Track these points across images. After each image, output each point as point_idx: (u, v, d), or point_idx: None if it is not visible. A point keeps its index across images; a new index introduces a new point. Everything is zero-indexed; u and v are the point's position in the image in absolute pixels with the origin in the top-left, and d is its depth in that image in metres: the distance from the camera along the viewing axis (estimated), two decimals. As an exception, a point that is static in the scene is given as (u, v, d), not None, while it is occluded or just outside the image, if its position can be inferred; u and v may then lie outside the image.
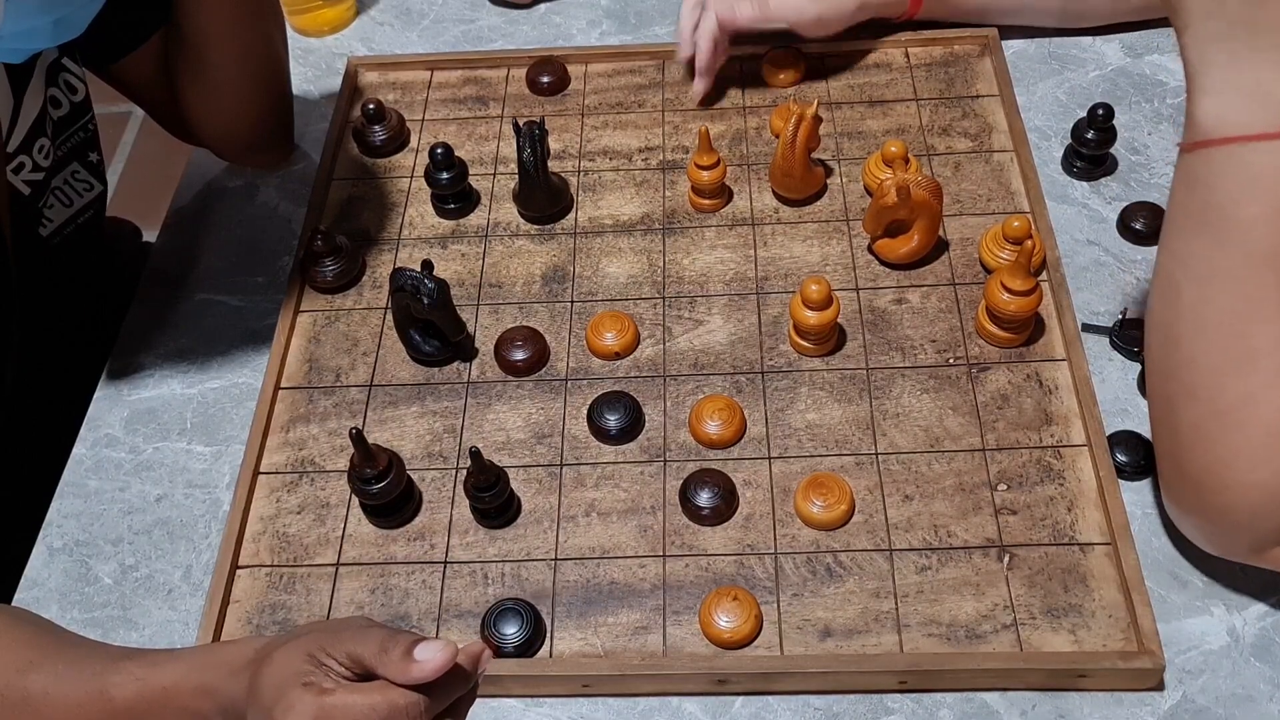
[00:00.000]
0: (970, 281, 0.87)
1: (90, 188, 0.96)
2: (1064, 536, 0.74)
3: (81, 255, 0.97)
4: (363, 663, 0.56)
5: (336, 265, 0.89)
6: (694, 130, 0.98)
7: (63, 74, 0.90)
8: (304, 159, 1.02)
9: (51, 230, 0.92)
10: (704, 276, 0.89)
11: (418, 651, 0.55)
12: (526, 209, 0.94)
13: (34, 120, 0.86)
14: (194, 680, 0.61)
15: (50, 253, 0.92)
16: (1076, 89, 1.00)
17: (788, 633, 0.72)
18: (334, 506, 0.79)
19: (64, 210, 0.93)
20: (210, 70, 0.90)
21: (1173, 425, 0.67)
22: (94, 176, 0.96)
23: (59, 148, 0.91)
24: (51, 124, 0.89)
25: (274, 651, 0.58)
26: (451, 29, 1.12)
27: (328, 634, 0.58)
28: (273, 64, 0.95)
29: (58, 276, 0.94)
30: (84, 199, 0.95)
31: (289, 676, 0.56)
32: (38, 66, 0.86)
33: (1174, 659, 0.70)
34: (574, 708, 0.71)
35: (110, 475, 0.83)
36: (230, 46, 0.89)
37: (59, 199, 0.92)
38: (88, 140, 0.95)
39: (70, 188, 0.94)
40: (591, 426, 0.81)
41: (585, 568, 0.75)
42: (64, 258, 0.94)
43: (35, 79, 0.86)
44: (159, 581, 0.78)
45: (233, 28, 0.89)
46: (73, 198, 0.94)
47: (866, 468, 0.78)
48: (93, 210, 0.97)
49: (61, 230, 0.93)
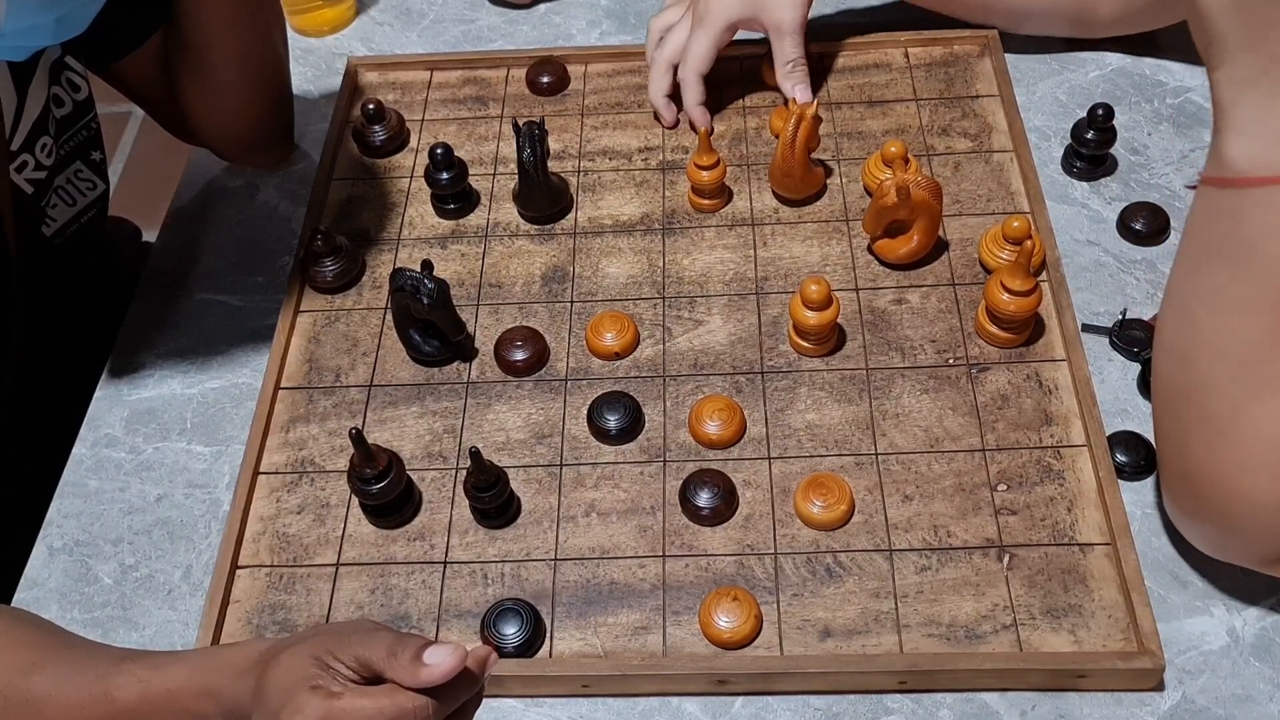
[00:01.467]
0: (970, 282, 0.87)
1: (93, 186, 0.96)
2: (1064, 537, 0.74)
3: (83, 255, 0.97)
4: (371, 666, 0.56)
5: (336, 265, 0.89)
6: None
7: (66, 72, 0.90)
8: (304, 159, 1.02)
9: (55, 230, 0.92)
10: (704, 277, 0.89)
11: (427, 655, 0.55)
12: (526, 209, 0.94)
13: (37, 118, 0.86)
14: (197, 682, 0.61)
15: (53, 252, 0.93)
16: (1076, 89, 1.00)
17: (787, 633, 0.72)
18: (334, 506, 0.79)
19: (67, 209, 0.93)
20: (210, 70, 0.90)
21: (1181, 441, 0.67)
22: (97, 175, 0.96)
23: (62, 146, 0.91)
24: (55, 123, 0.89)
25: (280, 654, 0.58)
26: (451, 29, 1.12)
27: (335, 637, 0.58)
28: (273, 63, 0.95)
29: (59, 276, 0.94)
30: (87, 198, 0.95)
31: (296, 680, 0.56)
32: (40, 64, 0.86)
33: (1174, 659, 0.70)
34: (574, 708, 0.71)
35: (110, 475, 0.83)
36: (230, 45, 0.89)
37: (62, 198, 0.92)
38: (91, 139, 0.95)
39: (73, 186, 0.94)
40: (591, 427, 0.81)
41: (585, 568, 0.75)
42: (66, 257, 0.94)
43: (38, 77, 0.86)
44: (159, 581, 0.78)
45: (232, 27, 0.89)
46: (76, 197, 0.94)
47: (866, 468, 0.78)
48: (95, 210, 0.97)
49: (65, 230, 0.93)
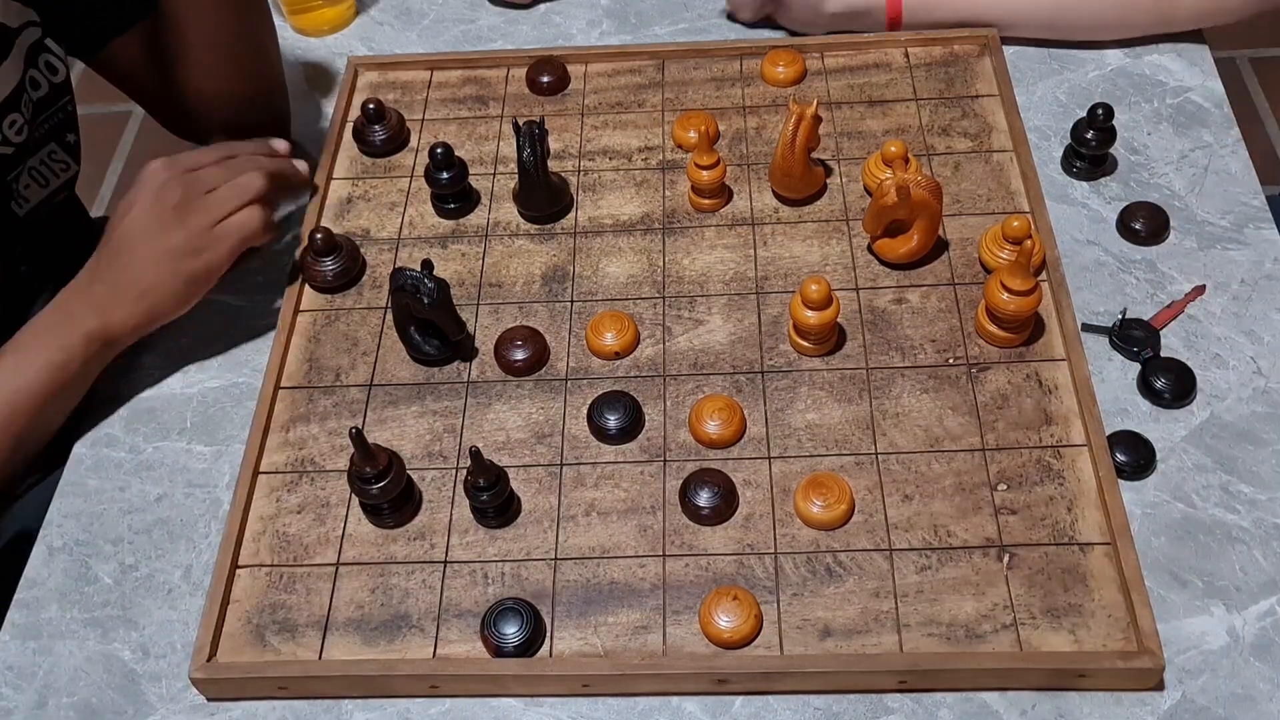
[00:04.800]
0: (970, 281, 0.87)
1: (67, 168, 0.98)
2: (1064, 536, 0.74)
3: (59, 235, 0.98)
4: None
5: (336, 265, 0.89)
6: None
7: (44, 55, 0.91)
8: (304, 159, 1.02)
9: (28, 210, 0.93)
10: (704, 276, 0.89)
11: None
12: (526, 209, 0.94)
13: (7, 96, 0.86)
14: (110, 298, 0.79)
15: (26, 232, 0.93)
16: (1076, 89, 1.00)
17: (787, 632, 0.72)
18: (334, 506, 0.79)
19: (40, 190, 0.94)
20: (194, 57, 0.92)
21: None
22: (70, 156, 0.98)
23: (37, 128, 0.92)
24: (32, 104, 0.90)
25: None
26: (451, 29, 1.12)
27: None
28: (258, 51, 0.96)
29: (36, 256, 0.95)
30: (60, 179, 0.97)
31: None
32: (15, 45, 0.87)
33: (1174, 659, 0.70)
34: (574, 708, 0.71)
35: (110, 475, 0.83)
36: (211, 32, 0.91)
37: (35, 179, 0.93)
38: (66, 120, 0.96)
39: (46, 167, 0.95)
40: (591, 426, 0.81)
41: (585, 567, 0.75)
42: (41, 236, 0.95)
43: (13, 57, 0.86)
44: (159, 581, 0.78)
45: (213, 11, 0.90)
46: (49, 178, 0.95)
47: (866, 468, 0.78)
48: (68, 190, 0.98)
49: (38, 211, 0.94)
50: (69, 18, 0.77)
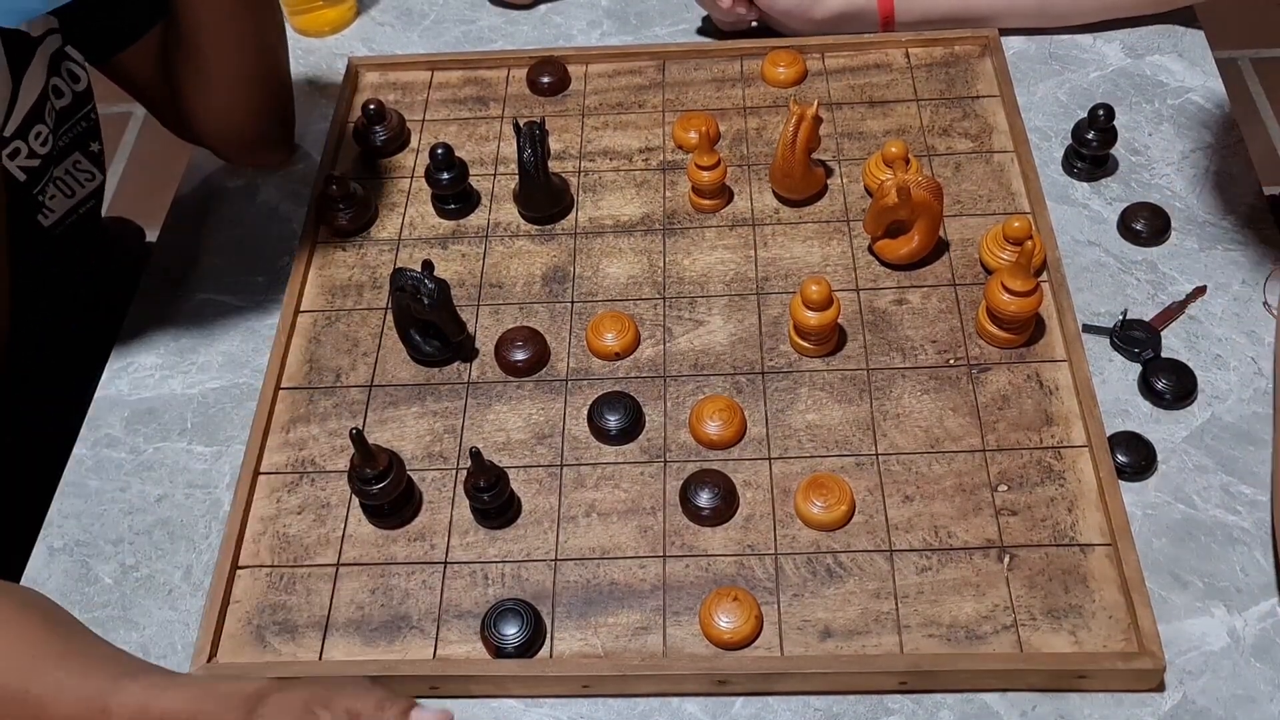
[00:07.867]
0: (971, 282, 0.87)
1: (92, 178, 0.96)
2: (1064, 537, 0.74)
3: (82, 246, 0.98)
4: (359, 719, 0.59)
5: (350, 209, 0.91)
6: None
7: (65, 63, 0.90)
8: (304, 159, 1.02)
9: (53, 221, 0.92)
10: (704, 277, 0.89)
11: (414, 714, 0.59)
12: (527, 209, 0.94)
13: (32, 106, 0.86)
14: (193, 709, 0.62)
15: (52, 244, 0.93)
16: (1077, 89, 1.00)
17: (788, 633, 0.72)
18: (334, 507, 0.79)
19: (66, 200, 0.94)
20: (207, 65, 0.91)
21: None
22: (95, 166, 0.97)
23: (61, 137, 0.91)
24: (55, 113, 0.89)
25: (272, 694, 0.60)
26: (452, 29, 1.12)
27: (328, 689, 0.61)
28: (270, 60, 0.95)
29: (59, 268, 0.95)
30: (85, 189, 0.96)
31: None
32: (39, 54, 0.86)
33: (1174, 660, 0.70)
34: (574, 708, 0.71)
35: (110, 475, 0.83)
36: (226, 40, 0.90)
37: (60, 189, 0.93)
38: (90, 130, 0.95)
39: (71, 178, 0.94)
40: (591, 427, 0.81)
41: (585, 568, 0.75)
42: (65, 248, 0.94)
43: (36, 65, 0.86)
44: (159, 581, 0.78)
45: (229, 20, 0.89)
46: (74, 188, 0.95)
47: (867, 468, 0.78)
48: (93, 201, 0.97)
49: (63, 221, 0.93)
50: (86, 22, 0.76)
